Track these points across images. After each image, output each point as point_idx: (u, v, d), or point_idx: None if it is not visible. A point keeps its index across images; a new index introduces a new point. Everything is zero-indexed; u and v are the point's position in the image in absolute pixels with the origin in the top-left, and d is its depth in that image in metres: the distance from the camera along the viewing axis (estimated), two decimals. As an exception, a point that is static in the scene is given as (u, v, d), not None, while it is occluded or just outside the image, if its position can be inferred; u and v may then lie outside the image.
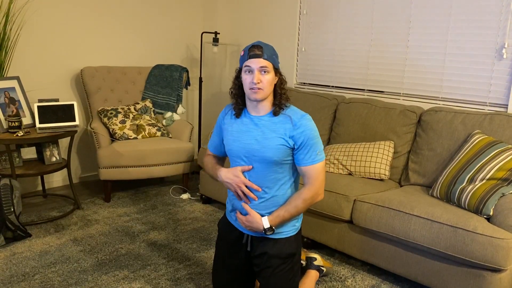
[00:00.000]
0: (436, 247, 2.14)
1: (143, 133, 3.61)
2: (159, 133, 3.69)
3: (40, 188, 3.71)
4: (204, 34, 4.32)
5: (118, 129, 3.52)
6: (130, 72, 3.97)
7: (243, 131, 1.83)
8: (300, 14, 3.81)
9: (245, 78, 1.76)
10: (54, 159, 3.25)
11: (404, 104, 3.03)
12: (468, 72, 2.87)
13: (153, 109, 3.91)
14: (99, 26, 3.86)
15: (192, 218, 3.24)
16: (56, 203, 3.43)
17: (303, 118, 1.76)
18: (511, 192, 2.22)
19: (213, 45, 4.18)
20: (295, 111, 1.80)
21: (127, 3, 4.00)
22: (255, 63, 1.72)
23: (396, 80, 3.23)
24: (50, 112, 3.08)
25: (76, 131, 3.16)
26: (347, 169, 2.88)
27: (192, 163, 3.70)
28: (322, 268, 2.38)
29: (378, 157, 2.81)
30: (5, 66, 3.25)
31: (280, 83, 1.80)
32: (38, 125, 3.02)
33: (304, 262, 2.37)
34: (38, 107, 3.04)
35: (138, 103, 3.84)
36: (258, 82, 1.71)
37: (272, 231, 1.79)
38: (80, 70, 3.75)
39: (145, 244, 2.80)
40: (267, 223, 1.78)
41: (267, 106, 1.80)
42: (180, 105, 3.96)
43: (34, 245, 2.73)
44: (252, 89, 1.73)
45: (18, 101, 3.16)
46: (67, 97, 3.77)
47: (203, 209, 3.42)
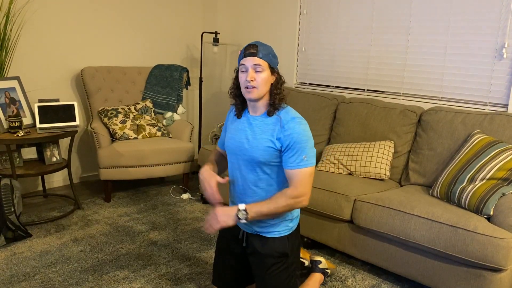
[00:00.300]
0: (436, 247, 2.14)
1: (144, 133, 3.61)
2: (159, 133, 3.69)
3: (40, 188, 3.71)
4: (204, 34, 4.32)
5: (118, 129, 3.52)
6: (131, 72, 3.97)
7: (239, 130, 1.85)
8: (300, 14, 3.81)
9: (241, 77, 1.77)
10: (54, 159, 3.25)
11: (404, 104, 3.03)
12: (468, 72, 2.87)
13: (154, 109, 3.91)
14: (100, 26, 3.86)
15: (192, 218, 3.24)
16: (57, 203, 3.43)
17: (292, 121, 1.73)
18: (511, 191, 2.22)
19: (213, 45, 4.18)
20: (288, 113, 1.77)
21: (128, 3, 4.00)
22: (249, 61, 1.73)
23: (396, 80, 3.24)
24: (50, 112, 3.08)
25: (76, 131, 3.16)
26: (347, 169, 2.88)
27: (193, 163, 3.70)
28: (327, 270, 2.38)
29: (378, 157, 2.81)
30: (6, 66, 3.25)
31: (276, 83, 1.79)
32: (38, 125, 3.02)
33: (305, 261, 2.37)
34: (39, 107, 3.04)
35: (139, 103, 3.85)
36: (252, 80, 1.72)
37: (245, 215, 1.70)
38: (80, 70, 3.76)
39: (146, 244, 2.80)
40: (242, 206, 1.71)
41: (263, 106, 1.81)
42: (180, 105, 3.96)
43: (35, 245, 2.73)
44: (246, 87, 1.74)
45: (19, 101, 3.16)
46: (68, 97, 3.78)
47: (203, 209, 3.42)
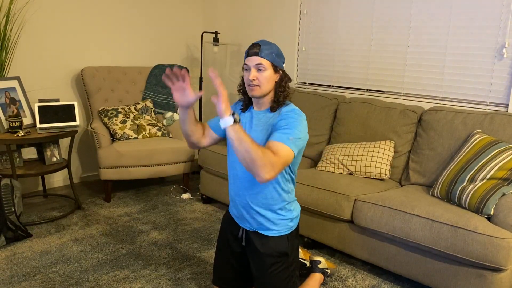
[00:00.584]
0: (437, 247, 2.14)
1: (144, 133, 3.61)
2: (159, 133, 3.69)
3: (40, 188, 3.71)
4: (204, 34, 4.32)
5: (118, 129, 3.52)
6: (131, 72, 3.97)
7: (241, 123, 1.86)
8: (300, 14, 3.81)
9: (244, 76, 1.82)
10: (54, 159, 3.25)
11: (404, 104, 3.03)
12: (469, 71, 2.87)
13: (154, 109, 3.91)
14: (100, 26, 3.86)
15: (192, 218, 3.24)
16: (57, 203, 3.43)
17: (291, 111, 1.77)
18: (511, 191, 2.22)
19: (213, 45, 4.18)
20: (289, 107, 1.81)
21: (128, 3, 4.00)
22: (251, 61, 1.77)
23: (397, 80, 3.23)
24: (50, 112, 3.08)
25: (76, 131, 3.16)
26: (348, 169, 2.88)
27: (193, 163, 3.70)
28: (327, 270, 2.38)
29: (379, 157, 2.81)
30: (6, 66, 3.25)
31: (280, 81, 1.82)
32: (38, 125, 3.02)
33: (306, 262, 2.37)
34: (39, 107, 3.04)
35: (139, 103, 3.84)
36: (254, 79, 1.76)
37: (236, 120, 1.58)
38: (80, 70, 3.76)
39: (146, 244, 2.80)
40: (237, 118, 1.59)
41: (267, 103, 1.84)
42: (180, 105, 3.96)
43: (35, 245, 2.73)
44: (249, 86, 1.79)
45: (19, 101, 3.16)
46: (68, 97, 3.78)
47: (203, 209, 3.42)
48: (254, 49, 1.77)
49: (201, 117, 4.33)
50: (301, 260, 2.34)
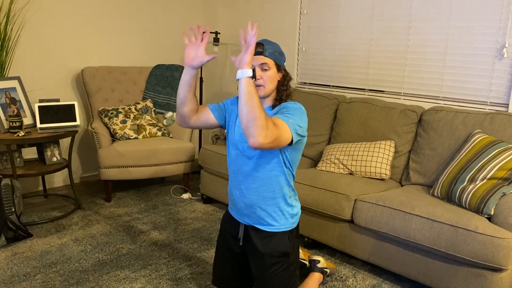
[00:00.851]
0: (437, 247, 2.14)
1: (144, 133, 3.61)
2: (159, 133, 3.69)
3: (41, 188, 3.71)
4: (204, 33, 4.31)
5: (118, 129, 3.52)
6: (131, 72, 3.97)
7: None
8: (300, 13, 3.81)
9: None
10: (55, 159, 3.25)
11: (404, 104, 3.03)
12: (469, 71, 2.87)
13: (154, 109, 3.91)
14: (100, 26, 3.86)
15: (193, 218, 3.24)
16: (57, 203, 3.43)
17: (293, 103, 1.79)
18: (511, 191, 2.22)
19: (213, 45, 4.18)
20: (290, 101, 1.83)
21: (128, 3, 4.00)
22: (256, 60, 1.77)
23: (397, 80, 3.23)
24: (51, 112, 3.08)
25: (77, 131, 3.17)
26: (348, 169, 2.88)
27: (193, 163, 3.70)
28: (326, 269, 2.38)
29: (379, 157, 2.81)
30: (6, 66, 3.25)
31: (283, 80, 1.83)
32: (39, 125, 3.02)
33: (306, 262, 2.37)
34: (39, 107, 3.04)
35: (139, 103, 3.85)
36: (259, 79, 1.76)
37: (250, 74, 1.59)
38: (81, 70, 3.76)
39: (146, 244, 2.80)
40: (250, 73, 1.60)
41: (269, 101, 1.85)
42: (180, 105, 3.96)
43: (35, 245, 2.73)
44: None
45: (19, 101, 3.17)
46: (68, 97, 3.78)
47: (204, 209, 3.42)
48: (258, 48, 1.77)
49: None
50: (301, 260, 2.34)
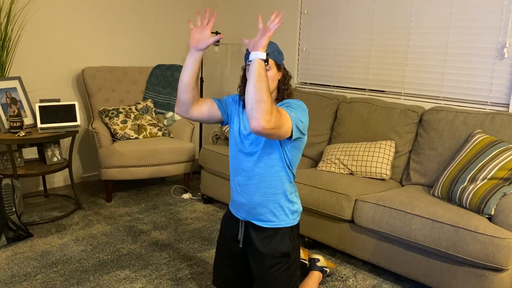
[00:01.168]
0: (438, 247, 2.14)
1: (144, 133, 3.61)
2: (160, 133, 3.69)
3: (41, 188, 3.71)
4: (205, 34, 4.31)
5: (119, 129, 3.52)
6: (131, 72, 3.97)
7: (244, 119, 1.86)
8: (301, 13, 3.81)
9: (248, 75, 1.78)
10: (55, 159, 3.25)
11: (405, 104, 3.03)
12: (469, 71, 2.87)
13: (154, 109, 3.91)
14: (100, 26, 3.87)
15: (193, 218, 3.24)
16: (58, 203, 3.44)
17: (296, 100, 1.79)
18: (512, 191, 2.22)
19: (214, 45, 4.18)
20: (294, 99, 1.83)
21: (128, 3, 4.00)
22: None
23: (397, 80, 3.23)
24: (51, 112, 3.08)
25: (77, 131, 3.17)
26: (349, 169, 2.88)
27: (193, 163, 3.70)
28: (326, 269, 2.38)
29: (379, 157, 2.81)
30: (7, 66, 3.26)
31: (283, 79, 1.83)
32: (39, 125, 3.02)
33: (307, 262, 2.37)
34: (40, 107, 3.05)
35: (140, 103, 3.85)
36: None
37: (263, 57, 1.61)
38: (81, 70, 3.76)
39: (147, 244, 2.80)
40: (264, 56, 1.62)
41: None
42: (181, 105, 3.96)
43: (36, 245, 2.73)
44: None
45: (20, 101, 3.17)
46: (69, 97, 3.78)
47: (204, 209, 3.42)
48: None
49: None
50: (301, 260, 2.34)
